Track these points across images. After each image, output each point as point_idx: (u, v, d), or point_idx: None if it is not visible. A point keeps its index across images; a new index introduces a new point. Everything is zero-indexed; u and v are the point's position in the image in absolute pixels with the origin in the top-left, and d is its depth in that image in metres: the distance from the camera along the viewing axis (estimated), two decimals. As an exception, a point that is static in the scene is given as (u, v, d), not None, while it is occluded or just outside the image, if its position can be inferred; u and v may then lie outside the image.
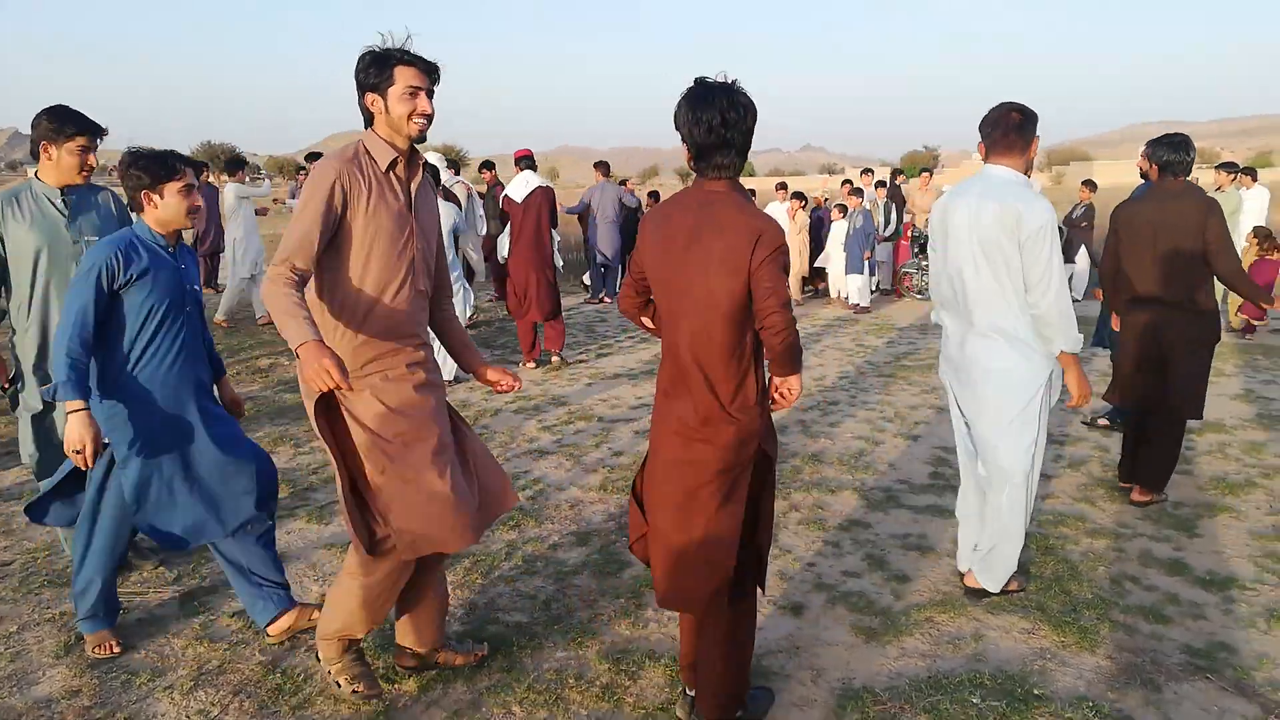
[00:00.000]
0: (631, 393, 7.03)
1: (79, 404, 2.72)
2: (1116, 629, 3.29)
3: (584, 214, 12.00)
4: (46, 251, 3.38)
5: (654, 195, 14.06)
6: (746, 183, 40.20)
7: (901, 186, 13.57)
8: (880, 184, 13.03)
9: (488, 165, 11.78)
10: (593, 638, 3.22)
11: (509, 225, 7.90)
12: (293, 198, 12.42)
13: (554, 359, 8.00)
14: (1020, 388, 3.27)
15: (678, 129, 2.36)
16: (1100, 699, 2.85)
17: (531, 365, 7.93)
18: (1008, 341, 3.25)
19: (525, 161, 8.04)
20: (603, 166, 12.33)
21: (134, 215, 3.13)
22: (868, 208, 11.73)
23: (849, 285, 11.43)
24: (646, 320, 2.68)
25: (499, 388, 2.83)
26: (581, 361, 8.25)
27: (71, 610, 3.38)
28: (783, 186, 12.37)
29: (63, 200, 3.43)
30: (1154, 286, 4.34)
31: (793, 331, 2.32)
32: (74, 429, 2.70)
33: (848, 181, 13.18)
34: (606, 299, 12.01)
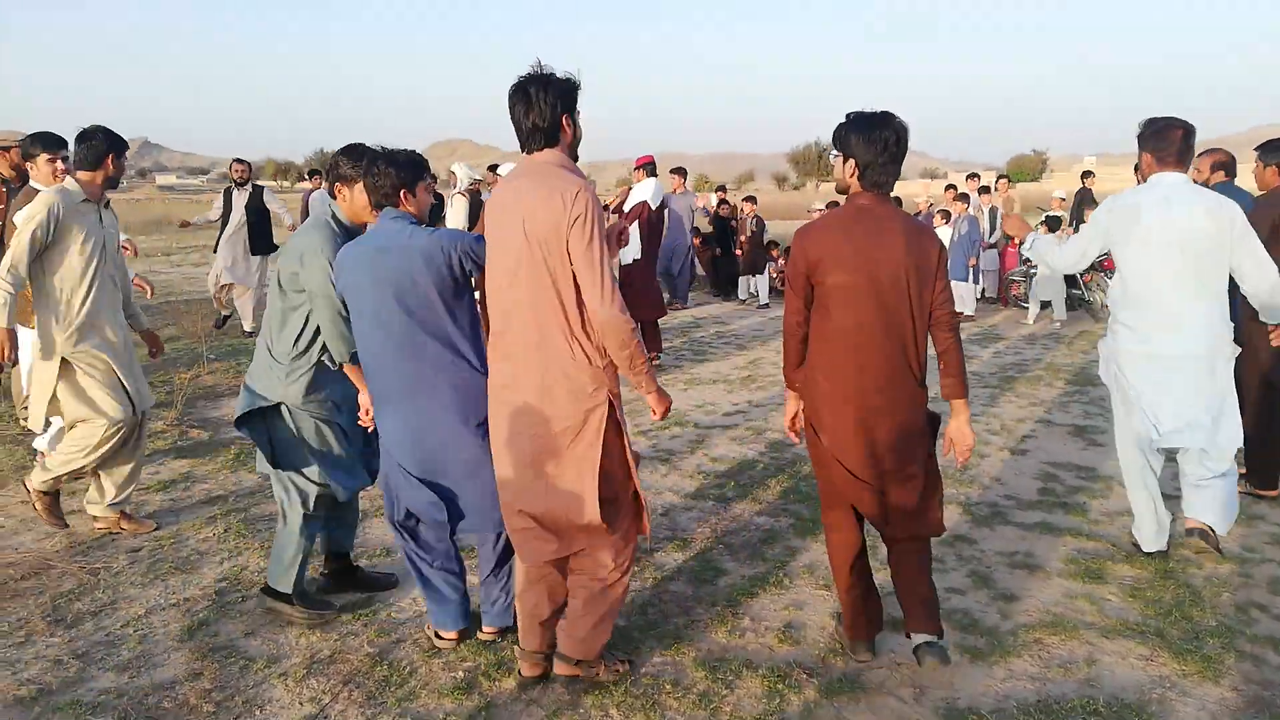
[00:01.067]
0: (727, 399, 7.00)
1: None
2: (1243, 659, 3.11)
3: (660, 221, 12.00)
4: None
5: (723, 199, 13.90)
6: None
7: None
8: (985, 189, 12.68)
9: (492, 168, 11.68)
10: (689, 644, 3.22)
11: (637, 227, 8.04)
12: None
13: (655, 359, 8.08)
14: (1222, 369, 3.66)
15: (843, 148, 2.86)
16: (1226, 733, 2.70)
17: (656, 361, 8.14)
18: (1208, 328, 3.61)
19: (649, 168, 8.20)
20: (680, 173, 12.18)
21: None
22: (973, 214, 11.41)
23: (953, 293, 11.14)
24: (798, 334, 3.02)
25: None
26: (677, 368, 8.27)
27: (195, 596, 3.57)
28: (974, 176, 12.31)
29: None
30: None
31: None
32: None
33: (951, 187, 12.86)
34: (679, 305, 11.99)
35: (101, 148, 3.98)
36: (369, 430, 3.24)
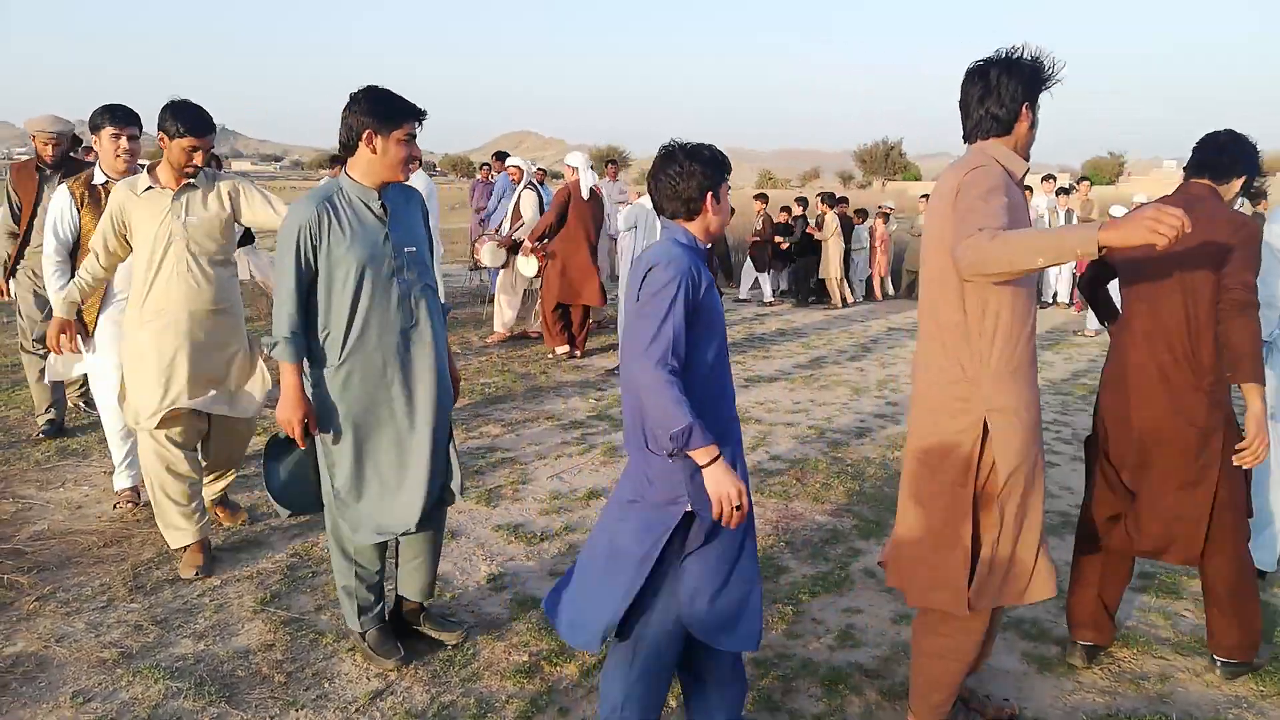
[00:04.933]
0: (788, 396, 6.96)
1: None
2: (1327, 684, 3.00)
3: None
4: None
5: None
6: (916, 187, 39.04)
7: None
8: (1063, 190, 12.36)
9: (500, 156, 11.61)
10: (749, 640, 3.21)
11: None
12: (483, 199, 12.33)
13: None
14: None
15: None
16: (1307, 759, 2.60)
17: None
18: None
19: None
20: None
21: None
22: (1045, 214, 11.14)
23: None
24: None
25: None
26: (738, 364, 8.24)
27: (268, 569, 3.68)
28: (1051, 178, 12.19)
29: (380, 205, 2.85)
30: None
31: None
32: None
33: (1028, 188, 12.59)
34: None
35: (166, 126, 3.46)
36: None
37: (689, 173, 2.28)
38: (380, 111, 2.70)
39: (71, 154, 5.28)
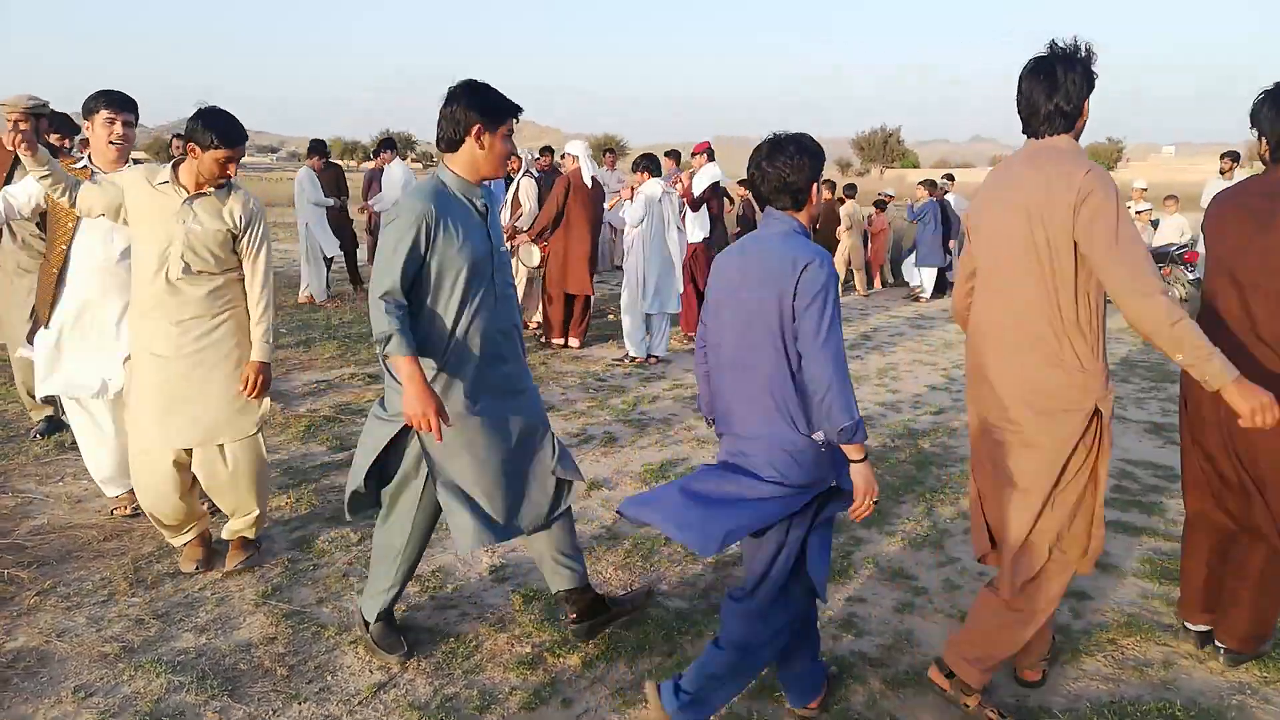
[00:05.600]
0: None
1: None
2: (1331, 670, 2.99)
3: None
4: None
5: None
6: (915, 174, 38.83)
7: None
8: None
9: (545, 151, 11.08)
10: (752, 630, 3.21)
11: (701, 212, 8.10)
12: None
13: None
14: None
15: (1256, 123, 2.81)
16: (1312, 745, 2.60)
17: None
18: None
19: (709, 153, 8.37)
20: (674, 156, 11.68)
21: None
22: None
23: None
24: None
25: None
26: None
27: (268, 562, 3.67)
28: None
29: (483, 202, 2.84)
30: None
31: None
32: None
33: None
34: None
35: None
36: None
37: (799, 165, 2.34)
38: (489, 107, 2.67)
39: (47, 139, 4.98)
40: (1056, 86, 2.43)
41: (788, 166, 2.34)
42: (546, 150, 11.16)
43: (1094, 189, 2.33)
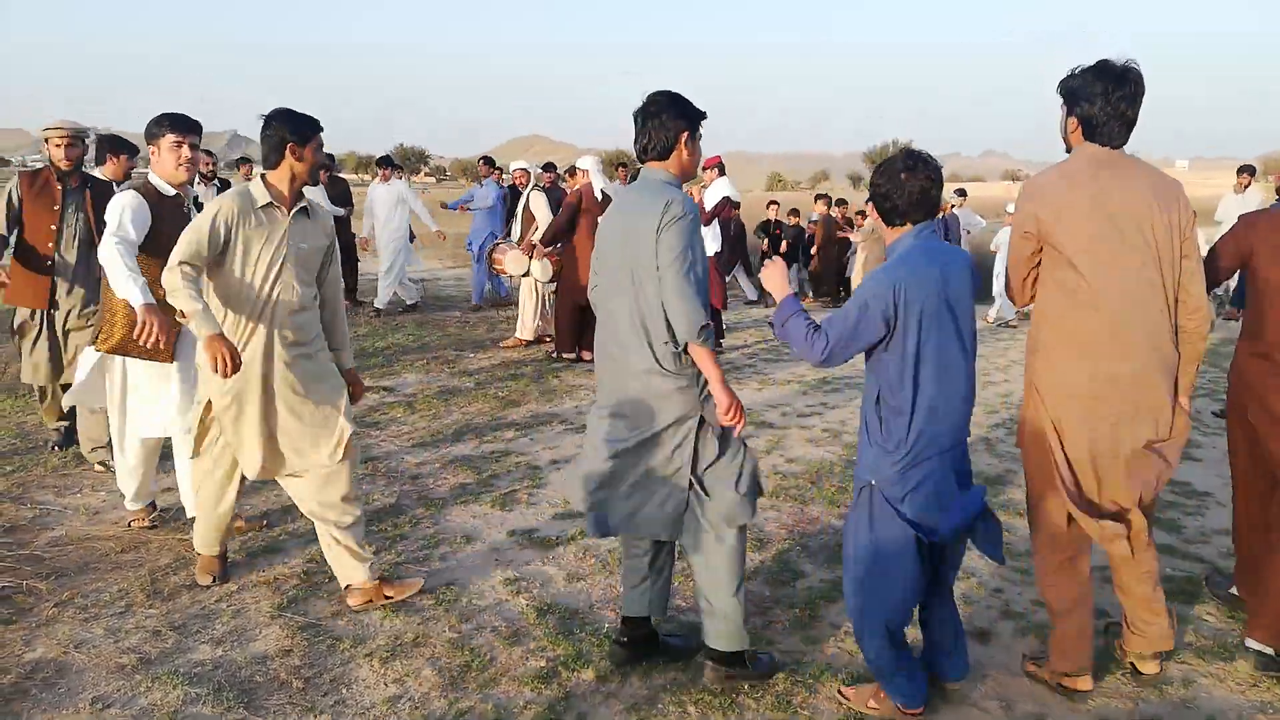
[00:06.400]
0: (801, 399, 6.93)
1: None
2: (1354, 689, 2.96)
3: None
4: None
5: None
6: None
7: None
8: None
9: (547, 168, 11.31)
10: (766, 645, 3.19)
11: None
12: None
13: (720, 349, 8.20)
14: None
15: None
16: (1335, 765, 2.57)
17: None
18: None
19: (720, 167, 8.45)
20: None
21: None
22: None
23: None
24: None
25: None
26: (750, 367, 8.22)
27: (284, 575, 3.68)
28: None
29: None
30: None
31: None
32: None
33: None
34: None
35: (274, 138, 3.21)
36: None
37: (929, 180, 2.63)
38: (694, 112, 2.84)
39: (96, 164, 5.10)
40: (1136, 99, 2.66)
41: (929, 182, 2.62)
42: (549, 167, 11.25)
43: (1189, 209, 2.67)
